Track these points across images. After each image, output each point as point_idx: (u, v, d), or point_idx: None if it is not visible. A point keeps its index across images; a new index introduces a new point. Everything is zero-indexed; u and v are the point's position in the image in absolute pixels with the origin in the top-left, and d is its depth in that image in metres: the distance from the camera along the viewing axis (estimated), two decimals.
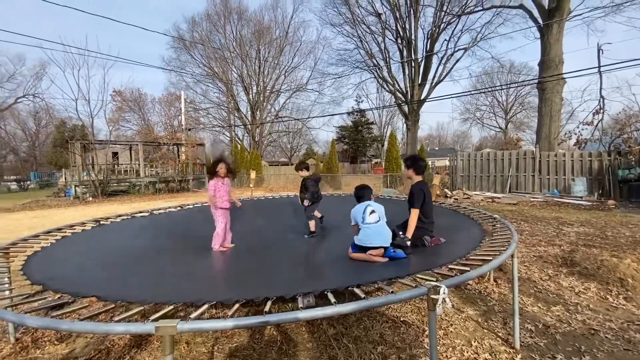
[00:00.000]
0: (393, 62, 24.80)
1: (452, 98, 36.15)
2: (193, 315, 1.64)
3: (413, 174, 3.30)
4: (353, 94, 40.02)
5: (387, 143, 21.15)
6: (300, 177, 4.48)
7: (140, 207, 11.77)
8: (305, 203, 4.30)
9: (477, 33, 22.12)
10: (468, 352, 2.50)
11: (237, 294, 2.02)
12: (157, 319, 1.52)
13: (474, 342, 2.64)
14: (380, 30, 24.27)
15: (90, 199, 17.26)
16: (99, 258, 3.30)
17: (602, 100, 13.35)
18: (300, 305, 1.80)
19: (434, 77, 23.10)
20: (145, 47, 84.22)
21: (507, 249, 2.44)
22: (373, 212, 2.87)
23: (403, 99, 24.03)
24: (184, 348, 2.67)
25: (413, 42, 22.78)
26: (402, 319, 3.03)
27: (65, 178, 21.67)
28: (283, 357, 2.51)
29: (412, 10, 22.36)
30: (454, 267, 2.29)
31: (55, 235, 3.94)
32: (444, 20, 22.12)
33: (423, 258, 2.90)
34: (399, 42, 23.84)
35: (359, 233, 2.87)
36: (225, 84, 31.92)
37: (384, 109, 42.45)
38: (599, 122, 13.25)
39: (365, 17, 24.61)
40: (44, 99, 38.56)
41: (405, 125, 24.79)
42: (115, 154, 26.76)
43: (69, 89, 52.19)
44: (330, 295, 1.82)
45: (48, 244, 3.65)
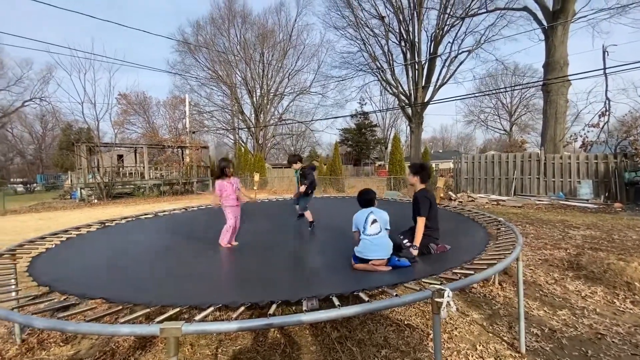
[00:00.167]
0: (396, 64, 24.75)
1: (456, 100, 36.10)
2: (198, 318, 1.65)
3: (417, 182, 3.26)
4: (356, 97, 40.49)
5: (390, 145, 21.14)
6: (294, 169, 4.53)
7: (145, 209, 11.82)
8: (302, 188, 4.31)
9: (481, 35, 22.00)
10: (473, 356, 2.48)
11: (241, 297, 2.02)
12: (161, 321, 1.52)
13: (479, 346, 2.62)
14: (384, 33, 24.24)
15: (96, 201, 17.42)
16: (104, 260, 3.32)
17: (607, 102, 13.27)
18: (304, 308, 1.80)
19: (438, 79, 23.02)
20: (151, 51, 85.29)
21: (512, 252, 2.42)
22: (375, 221, 2.79)
23: (406, 102, 23.98)
24: (188, 350, 2.68)
25: (416, 44, 22.75)
26: (406, 323, 3.02)
27: (71, 180, 21.93)
28: None
29: (415, 13, 22.37)
30: (459, 271, 2.28)
31: (61, 237, 3.98)
32: (448, 23, 22.07)
33: (428, 265, 2.84)
34: (403, 44, 23.83)
35: (359, 244, 2.80)
36: (229, 87, 32.11)
37: (388, 112, 42.51)
38: (605, 124, 13.17)
39: (369, 20, 24.61)
40: (51, 102, 38.92)
41: (409, 128, 24.70)
42: (120, 157, 27.06)
43: (75, 93, 53.22)
44: (335, 299, 1.81)
45: (54, 246, 3.69)
